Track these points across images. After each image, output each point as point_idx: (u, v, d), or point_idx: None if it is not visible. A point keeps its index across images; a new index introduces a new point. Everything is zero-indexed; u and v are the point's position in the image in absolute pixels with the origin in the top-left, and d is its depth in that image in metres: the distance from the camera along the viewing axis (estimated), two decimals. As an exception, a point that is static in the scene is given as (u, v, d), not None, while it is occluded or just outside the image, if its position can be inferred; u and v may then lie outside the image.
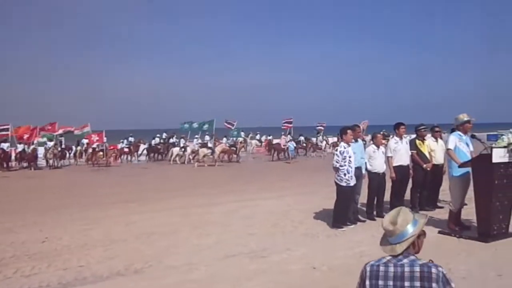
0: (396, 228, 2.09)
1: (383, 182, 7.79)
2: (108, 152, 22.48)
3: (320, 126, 30.20)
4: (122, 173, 18.96)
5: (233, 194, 11.25)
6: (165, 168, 20.87)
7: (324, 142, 27.89)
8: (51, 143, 22.07)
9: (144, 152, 25.93)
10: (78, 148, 24.35)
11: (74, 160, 24.11)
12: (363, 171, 7.62)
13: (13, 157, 22.70)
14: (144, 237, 6.84)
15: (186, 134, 26.18)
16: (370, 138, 11.22)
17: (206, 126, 25.32)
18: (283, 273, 4.94)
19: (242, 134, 28.09)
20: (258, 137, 31.88)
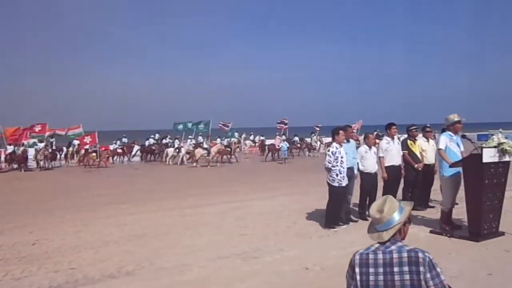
0: (383, 216, 2.15)
1: (375, 182, 7.82)
2: (101, 153, 22.34)
3: (316, 127, 30.39)
4: (114, 174, 18.84)
5: (225, 194, 11.22)
6: (158, 169, 20.77)
7: (318, 142, 28.03)
8: (42, 144, 21.87)
9: (138, 153, 25.81)
10: (69, 149, 24.16)
11: (65, 161, 23.92)
12: (355, 171, 7.64)
13: (2, 158, 22.51)
14: (136, 238, 6.80)
15: (181, 134, 26.08)
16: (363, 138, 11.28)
17: (202, 126, 25.27)
18: (276, 274, 4.94)
19: (236, 134, 28.09)
20: (252, 137, 31.91)
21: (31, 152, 22.05)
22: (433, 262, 2.02)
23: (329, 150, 7.13)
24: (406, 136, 8.55)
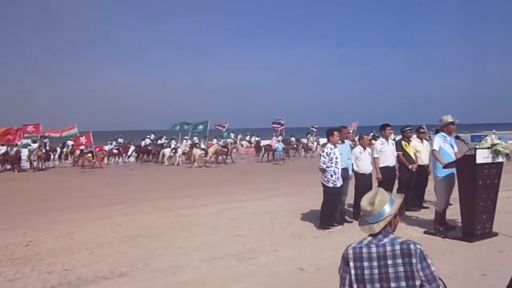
0: (374, 208, 2.17)
1: (370, 183, 7.83)
2: (97, 153, 22.24)
3: (312, 128, 30.46)
4: (109, 175, 18.75)
5: (221, 195, 11.20)
6: (153, 169, 20.71)
7: (315, 143, 28.08)
8: (35, 145, 21.72)
9: (134, 153, 25.73)
10: (64, 150, 24.01)
11: (59, 162, 23.78)
12: (350, 172, 7.66)
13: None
14: (130, 239, 6.77)
15: (177, 135, 26.02)
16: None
17: (200, 127, 25.23)
18: (271, 274, 4.94)
19: (232, 135, 28.08)
20: (247, 138, 31.92)
21: (25, 152, 21.90)
22: (423, 254, 2.06)
23: (323, 151, 7.15)
24: (400, 137, 8.59)
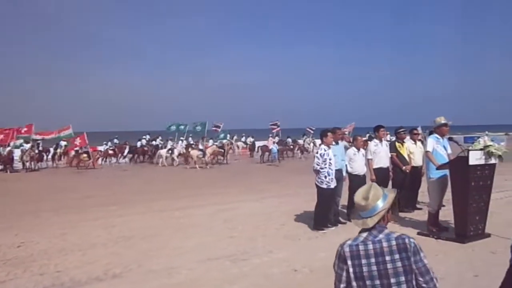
0: (368, 203, 2.19)
1: (364, 184, 7.79)
2: (92, 154, 22.10)
3: (309, 130, 30.50)
4: (103, 175, 18.66)
5: (215, 196, 11.19)
6: (147, 170, 20.63)
7: (311, 144, 28.09)
8: (28, 145, 21.56)
9: (129, 154, 25.63)
10: (58, 150, 23.84)
11: (52, 162, 23.61)
12: (344, 173, 7.68)
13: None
14: (124, 240, 6.74)
15: (174, 136, 25.94)
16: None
17: (198, 128, 25.25)
18: (265, 276, 4.94)
19: (228, 136, 28.06)
20: (243, 139, 31.87)
21: (17, 153, 21.74)
22: (417, 247, 2.11)
23: (317, 152, 7.16)
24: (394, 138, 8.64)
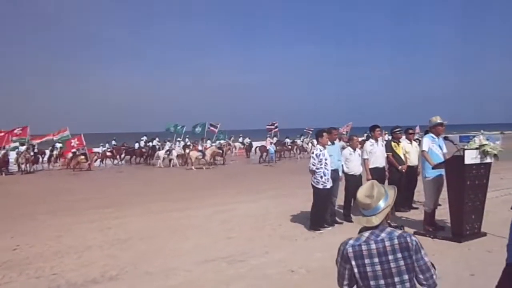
0: (373, 201, 2.21)
1: (360, 184, 7.85)
2: (90, 156, 22.00)
3: (308, 130, 30.55)
4: (98, 177, 18.60)
5: (212, 197, 11.17)
6: (144, 172, 20.60)
7: (310, 144, 28.11)
8: (23, 148, 21.46)
9: (127, 156, 25.58)
10: (54, 152, 23.72)
11: (48, 164, 23.51)
12: (340, 174, 7.69)
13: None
14: (120, 242, 6.72)
15: (171, 137, 25.93)
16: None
17: (198, 129, 25.37)
18: (262, 277, 4.93)
19: (226, 137, 28.06)
20: (240, 139, 31.87)
21: (13, 155, 21.63)
22: (418, 246, 2.14)
23: (313, 153, 7.17)
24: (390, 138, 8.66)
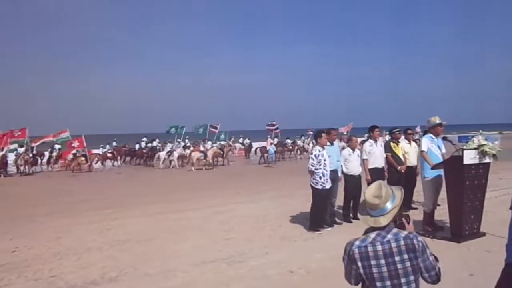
0: (381, 201, 2.20)
1: (359, 184, 7.87)
2: (90, 157, 21.97)
3: (310, 131, 30.57)
4: (98, 179, 18.58)
5: (211, 198, 11.16)
6: (143, 173, 20.57)
7: (310, 145, 28.08)
8: (22, 149, 21.43)
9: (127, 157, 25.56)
10: (53, 154, 23.68)
11: (47, 166, 23.46)
12: (339, 174, 7.69)
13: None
14: (119, 244, 6.70)
15: (172, 138, 25.94)
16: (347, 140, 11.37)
17: (201, 130, 25.83)
18: (261, 278, 4.92)
19: (227, 137, 28.03)
20: (240, 140, 31.86)
21: (11, 157, 21.59)
22: (424, 246, 2.15)
23: (312, 153, 7.17)
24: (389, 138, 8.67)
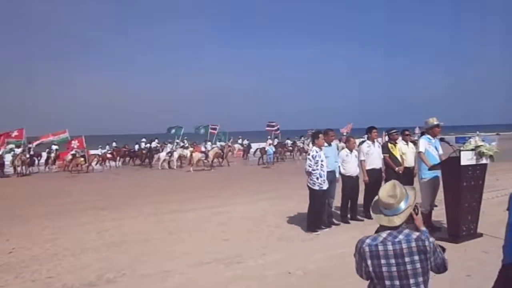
0: (396, 201, 2.22)
1: (357, 185, 7.89)
2: (89, 157, 21.93)
3: (309, 132, 30.62)
4: (96, 179, 18.53)
5: (208, 199, 11.16)
6: (142, 173, 20.53)
7: (310, 145, 27.97)
8: (19, 150, 21.36)
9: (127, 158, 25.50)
10: (51, 155, 23.61)
11: (45, 167, 23.39)
12: (337, 175, 7.70)
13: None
14: (116, 245, 6.69)
15: (172, 138, 25.96)
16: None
17: (202, 131, 26.17)
18: (259, 279, 4.92)
19: (227, 138, 28.06)
20: (239, 141, 31.87)
21: (8, 157, 21.52)
22: (435, 246, 2.17)
23: (309, 154, 7.18)
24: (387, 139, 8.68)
